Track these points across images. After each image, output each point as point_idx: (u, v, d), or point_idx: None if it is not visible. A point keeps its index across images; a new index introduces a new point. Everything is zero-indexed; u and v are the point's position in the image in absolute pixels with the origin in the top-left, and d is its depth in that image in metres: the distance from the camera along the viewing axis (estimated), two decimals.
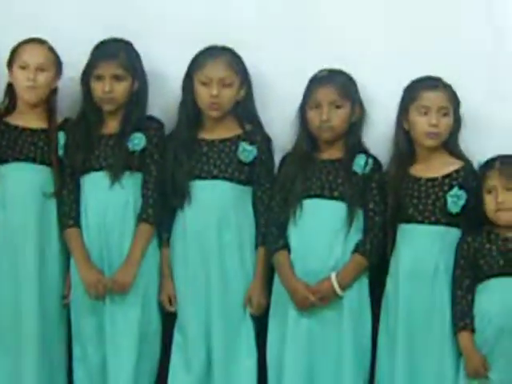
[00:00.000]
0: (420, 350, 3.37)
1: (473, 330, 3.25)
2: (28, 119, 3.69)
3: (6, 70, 3.71)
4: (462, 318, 3.27)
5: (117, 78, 3.57)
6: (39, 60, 3.62)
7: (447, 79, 3.46)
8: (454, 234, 3.38)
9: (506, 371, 3.21)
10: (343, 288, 3.40)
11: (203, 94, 3.53)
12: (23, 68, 3.60)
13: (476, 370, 3.21)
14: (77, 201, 3.65)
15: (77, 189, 3.65)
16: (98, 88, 3.56)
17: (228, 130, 3.64)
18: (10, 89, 3.72)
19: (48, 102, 3.72)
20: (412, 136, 3.44)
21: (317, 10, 3.74)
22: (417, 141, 3.43)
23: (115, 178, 3.58)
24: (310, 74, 3.55)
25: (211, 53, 3.60)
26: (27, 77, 3.59)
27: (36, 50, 3.67)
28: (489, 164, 3.32)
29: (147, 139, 3.63)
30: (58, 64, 3.70)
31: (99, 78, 3.56)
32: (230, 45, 3.63)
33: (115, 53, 3.60)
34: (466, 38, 3.63)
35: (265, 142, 3.63)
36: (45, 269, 3.64)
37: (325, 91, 3.48)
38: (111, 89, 3.55)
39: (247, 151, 3.57)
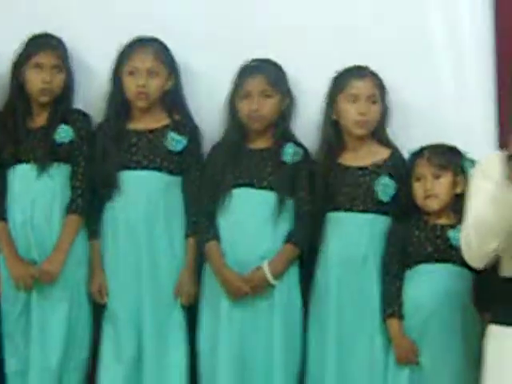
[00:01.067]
0: (350, 337, 3.38)
1: (401, 317, 3.28)
2: None
3: None
4: (391, 304, 3.30)
5: (57, 68, 3.58)
6: None
7: (375, 68, 3.47)
8: (383, 221, 3.40)
9: (435, 356, 3.24)
10: (275, 277, 3.39)
11: (130, 85, 3.52)
12: None
13: (405, 355, 3.24)
14: (3, 194, 3.63)
15: (4, 182, 3.63)
16: (38, 78, 3.55)
17: (156, 121, 3.63)
18: None
19: None
20: (341, 125, 3.45)
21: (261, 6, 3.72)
22: (346, 129, 3.44)
23: (42, 169, 3.55)
24: (240, 64, 3.54)
25: (138, 43, 3.59)
26: None
27: None
28: (418, 152, 3.33)
29: (74, 131, 3.61)
30: None
31: (38, 66, 3.54)
32: (157, 36, 3.62)
33: (53, 44, 3.59)
34: (395, 27, 3.63)
35: (193, 132, 3.62)
36: None
37: (254, 81, 3.48)
38: (51, 79, 3.54)
39: (176, 141, 3.56)
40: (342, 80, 3.47)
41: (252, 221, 3.47)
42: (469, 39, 3.64)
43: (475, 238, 2.71)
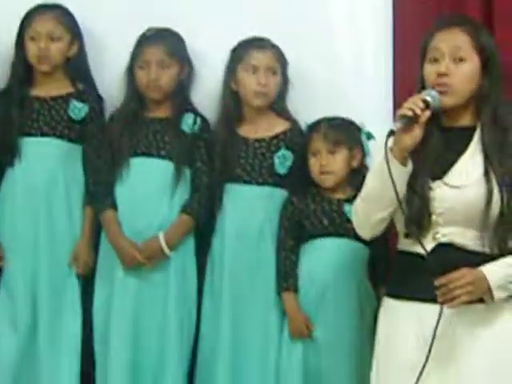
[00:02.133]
0: (245, 310, 3.37)
1: (296, 291, 3.27)
2: None
3: None
4: (286, 278, 3.28)
5: None
6: None
7: (276, 41, 3.44)
8: (280, 195, 3.37)
9: (330, 329, 3.24)
10: (171, 248, 3.38)
11: (32, 49, 3.46)
12: None
13: (299, 330, 3.24)
14: None
15: None
16: None
17: (59, 88, 3.57)
18: None
19: None
20: (240, 96, 3.43)
21: None
22: (245, 100, 3.42)
23: None
24: (138, 31, 3.51)
25: (40, 9, 3.53)
26: None
27: None
28: (314, 126, 3.32)
29: None
30: None
31: None
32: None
33: None
34: (295, 2, 3.63)
35: (96, 101, 3.59)
36: None
37: (152, 50, 3.45)
38: None
39: (78, 109, 3.51)
40: (242, 51, 3.43)
41: (149, 190, 3.43)
42: (367, 11, 3.64)
43: (361, 207, 2.76)
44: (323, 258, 3.27)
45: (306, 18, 3.61)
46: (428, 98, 2.63)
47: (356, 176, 3.28)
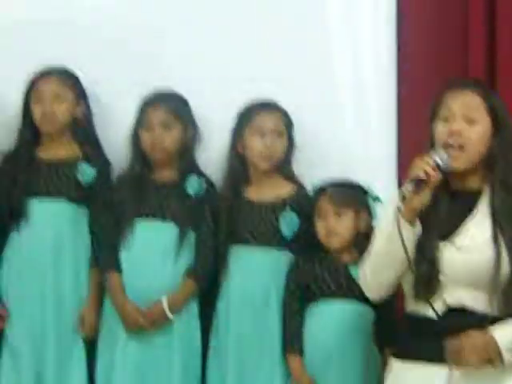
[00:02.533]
0: (250, 372, 3.34)
1: (301, 353, 3.25)
2: None
3: None
4: (291, 341, 3.27)
5: None
6: None
7: (283, 104, 3.47)
8: (286, 257, 3.36)
9: None
10: (174, 312, 3.37)
11: (37, 111, 3.51)
12: None
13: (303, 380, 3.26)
14: None
15: None
16: None
17: (67, 151, 3.61)
18: None
19: None
20: (246, 158, 3.43)
21: (158, 35, 3.74)
22: (251, 163, 3.42)
23: None
24: (142, 94, 3.57)
25: (44, 71, 3.58)
26: None
27: None
28: (321, 189, 3.32)
29: None
30: None
31: None
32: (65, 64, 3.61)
33: None
34: (303, 67, 3.64)
35: (104, 165, 3.62)
36: None
37: (156, 112, 3.48)
38: None
39: (86, 173, 3.54)
40: (249, 113, 3.44)
41: (153, 252, 3.43)
42: (372, 79, 3.68)
43: (370, 269, 2.75)
44: (330, 321, 3.25)
45: (312, 83, 3.64)
46: (438, 160, 2.64)
47: (363, 239, 3.24)
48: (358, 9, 3.74)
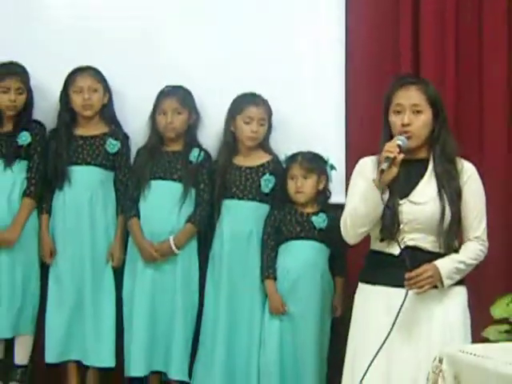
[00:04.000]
0: (237, 293, 3.89)
1: (275, 279, 3.80)
2: None
3: None
4: (267, 269, 3.81)
5: (18, 91, 4.00)
6: None
7: (265, 95, 4.01)
8: (264, 208, 3.91)
9: (301, 308, 3.75)
10: (178, 248, 3.89)
11: (77, 100, 3.99)
12: None
13: (277, 308, 3.75)
14: None
15: None
16: (3, 98, 4.01)
17: (97, 129, 4.09)
18: None
19: None
20: (237, 137, 3.97)
21: (170, 40, 4.21)
22: (240, 140, 3.96)
23: (8, 164, 4.01)
24: (159, 88, 4.06)
25: (79, 70, 4.05)
26: None
27: None
28: (292, 157, 3.86)
29: (32, 136, 4.06)
30: None
31: (5, 90, 3.99)
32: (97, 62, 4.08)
33: (17, 70, 4.05)
34: (283, 70, 4.15)
35: (125, 139, 4.11)
36: None
37: (169, 101, 3.98)
38: (16, 99, 4.01)
39: (112, 145, 4.03)
40: (241, 104, 3.98)
41: (163, 204, 3.97)
42: (327, 75, 4.21)
43: (350, 223, 3.21)
44: (296, 255, 3.82)
45: (282, 78, 4.16)
46: (400, 143, 3.08)
47: (321, 196, 3.88)
48: (316, 13, 4.21)
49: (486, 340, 3.46)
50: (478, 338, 3.39)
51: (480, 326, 3.49)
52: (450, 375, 2.49)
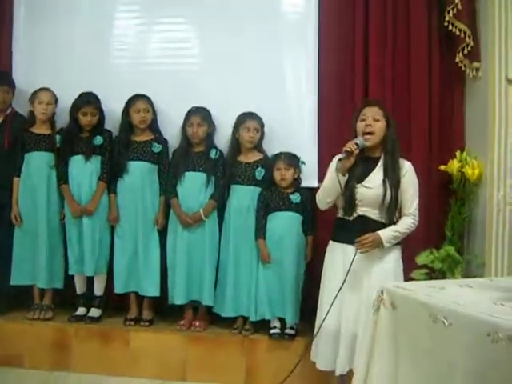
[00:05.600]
0: (241, 246, 4.59)
1: (264, 238, 4.50)
2: (42, 129, 4.96)
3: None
4: (259, 232, 4.54)
5: (93, 114, 4.78)
6: (47, 98, 4.92)
7: (261, 109, 4.70)
8: (258, 190, 4.61)
9: (283, 255, 4.46)
10: (206, 216, 4.64)
11: (135, 117, 4.77)
12: (40, 103, 4.92)
13: (264, 258, 4.49)
14: (66, 170, 4.83)
15: (66, 165, 4.85)
16: (83, 119, 4.80)
17: (147, 136, 4.86)
18: (32, 113, 4.97)
19: (51, 120, 5.00)
20: (240, 141, 4.67)
21: (196, 71, 4.97)
22: (242, 144, 4.66)
23: (87, 158, 4.81)
24: (188, 108, 4.77)
25: (137, 96, 4.80)
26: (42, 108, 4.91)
27: (46, 93, 4.94)
28: (277, 155, 4.58)
29: (103, 139, 4.85)
30: (56, 101, 4.99)
31: (85, 113, 4.80)
32: (147, 91, 4.84)
33: (90, 99, 4.78)
34: (272, 88, 4.86)
35: (166, 143, 4.86)
36: (51, 203, 4.89)
37: (194, 117, 4.68)
38: (91, 119, 4.80)
39: (157, 147, 4.82)
40: (242, 118, 4.63)
41: (193, 188, 4.67)
42: (304, 100, 4.86)
43: (321, 196, 3.78)
44: (279, 222, 4.52)
45: (276, 99, 4.84)
46: (358, 142, 3.60)
47: (296, 182, 4.57)
48: (296, 50, 4.84)
49: (412, 279, 4.00)
50: (407, 278, 3.95)
51: (407, 270, 4.06)
52: (388, 302, 2.85)
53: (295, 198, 4.50)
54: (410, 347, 2.71)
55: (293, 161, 4.52)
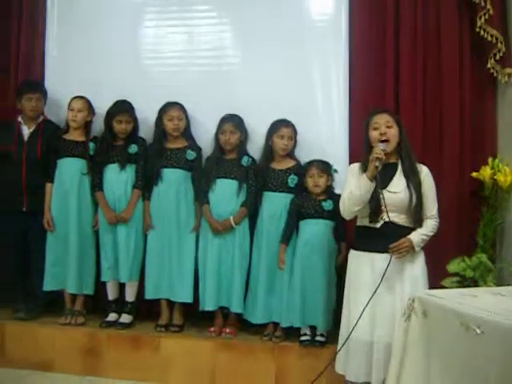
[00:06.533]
0: (272, 255, 4.58)
1: (287, 243, 4.49)
2: (75, 136, 5.00)
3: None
4: (284, 237, 4.50)
5: (127, 122, 4.83)
6: (78, 106, 4.98)
7: (293, 119, 4.68)
8: (290, 197, 4.55)
9: (314, 260, 4.37)
10: (236, 224, 4.61)
11: (169, 125, 4.78)
12: (71, 110, 4.95)
13: (280, 260, 4.45)
14: (101, 178, 4.86)
15: (102, 173, 4.88)
16: (117, 126, 4.83)
17: (181, 143, 4.85)
18: (66, 121, 5.03)
19: (85, 128, 5.04)
20: (273, 148, 4.64)
21: (226, 87, 4.99)
22: (275, 151, 4.63)
23: (122, 167, 4.83)
24: (221, 116, 4.78)
25: (170, 103, 4.82)
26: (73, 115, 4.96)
27: (77, 101, 4.99)
28: (310, 163, 4.51)
29: (138, 147, 4.87)
30: (90, 108, 5.04)
31: (119, 121, 4.80)
32: (180, 99, 4.87)
33: (124, 107, 4.85)
34: (304, 100, 4.85)
35: (199, 150, 4.86)
36: (82, 209, 4.90)
37: (227, 125, 4.68)
38: (126, 127, 4.82)
39: (191, 154, 4.80)
40: (276, 126, 4.61)
41: (225, 195, 4.64)
42: (335, 110, 4.85)
43: (347, 204, 3.66)
44: (311, 229, 4.43)
45: (308, 110, 4.84)
46: (382, 148, 3.55)
47: (328, 189, 4.50)
48: (327, 60, 4.84)
49: (443, 287, 3.91)
50: (438, 286, 3.85)
51: (438, 278, 4.05)
52: (420, 311, 2.87)
53: (327, 205, 4.42)
54: (442, 355, 2.68)
55: (326, 168, 4.49)
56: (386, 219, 3.60)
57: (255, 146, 4.86)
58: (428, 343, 2.79)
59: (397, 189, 3.63)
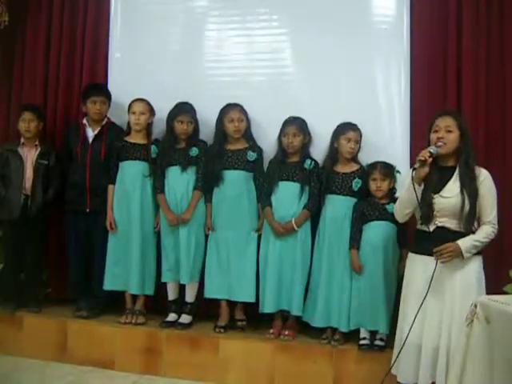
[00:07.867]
0: (334, 258, 4.48)
1: (358, 249, 4.37)
2: (137, 138, 5.01)
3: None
4: (353, 242, 4.39)
5: (189, 122, 4.79)
6: (140, 108, 4.95)
7: (359, 124, 4.58)
8: (353, 200, 4.47)
9: (376, 264, 4.28)
10: (298, 226, 4.55)
11: (230, 126, 4.74)
12: (133, 113, 4.96)
13: (356, 269, 4.35)
14: (163, 180, 4.84)
15: (163, 175, 4.86)
16: (179, 127, 4.81)
17: (241, 144, 4.81)
18: (128, 124, 5.03)
19: (147, 130, 5.02)
20: (338, 151, 4.53)
21: (289, 89, 4.94)
22: (341, 154, 4.52)
23: (183, 169, 4.80)
24: (284, 118, 4.70)
25: (230, 105, 4.78)
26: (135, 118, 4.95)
27: (139, 104, 4.97)
28: (372, 165, 4.44)
29: (198, 150, 4.84)
30: (151, 110, 5.03)
31: (181, 122, 4.79)
32: (241, 101, 4.82)
33: (186, 108, 4.81)
34: (365, 104, 4.74)
35: (260, 151, 4.81)
36: (144, 211, 4.89)
37: (290, 127, 4.60)
38: (187, 128, 4.80)
39: (251, 155, 4.76)
40: (343, 128, 4.50)
41: (288, 197, 4.59)
42: (397, 113, 4.76)
43: (398, 207, 3.74)
44: (375, 232, 4.35)
45: (370, 113, 4.72)
46: (431, 150, 3.53)
47: (391, 192, 4.43)
48: (389, 63, 4.75)
49: (505, 293, 3.89)
50: (499, 292, 3.81)
51: (500, 284, 4.04)
52: (482, 316, 2.80)
53: (391, 207, 4.25)
54: (506, 361, 2.63)
55: (388, 171, 4.40)
56: (438, 224, 3.57)
57: (316, 149, 4.80)
58: (491, 348, 2.72)
59: (450, 194, 3.58)
